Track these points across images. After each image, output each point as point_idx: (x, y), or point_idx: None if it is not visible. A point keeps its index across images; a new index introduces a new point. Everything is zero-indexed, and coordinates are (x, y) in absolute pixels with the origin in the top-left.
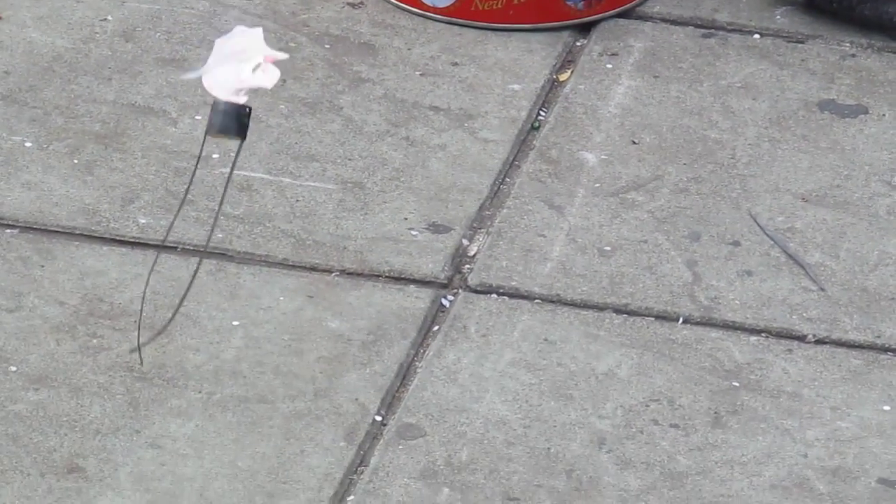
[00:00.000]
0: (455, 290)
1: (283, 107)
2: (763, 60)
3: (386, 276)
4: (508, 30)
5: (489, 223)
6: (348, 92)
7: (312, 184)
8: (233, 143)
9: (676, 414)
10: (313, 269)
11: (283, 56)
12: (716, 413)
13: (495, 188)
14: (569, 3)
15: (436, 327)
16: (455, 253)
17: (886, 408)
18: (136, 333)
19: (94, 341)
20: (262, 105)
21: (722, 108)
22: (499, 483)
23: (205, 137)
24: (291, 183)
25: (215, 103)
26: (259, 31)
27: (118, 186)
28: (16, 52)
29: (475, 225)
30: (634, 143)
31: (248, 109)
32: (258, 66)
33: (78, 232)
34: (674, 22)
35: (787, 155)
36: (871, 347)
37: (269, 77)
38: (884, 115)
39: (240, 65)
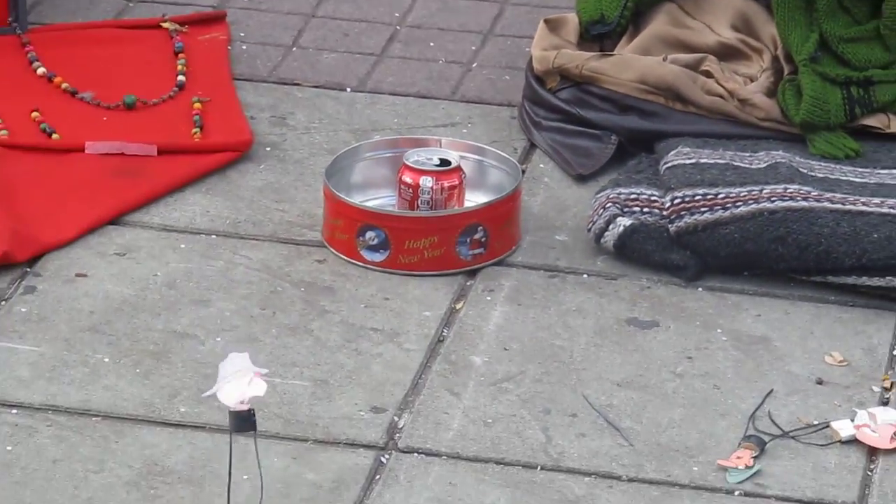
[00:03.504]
0: (390, 452)
1: (273, 331)
2: (590, 292)
3: (343, 443)
4: (423, 275)
5: (411, 406)
6: (317, 319)
7: (294, 381)
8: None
9: None
10: (295, 439)
11: (264, 371)
12: None
13: (415, 382)
14: (461, 258)
15: (377, 476)
16: (389, 426)
17: None
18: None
19: (152, 491)
20: (258, 328)
21: (563, 324)
22: None
23: (231, 434)
24: (280, 382)
25: (230, 413)
26: (246, 355)
27: (166, 387)
28: (97, 298)
29: (402, 407)
30: (506, 349)
31: (252, 411)
32: (251, 380)
33: (140, 418)
34: (530, 268)
35: (606, 355)
36: (665, 483)
37: (258, 387)
38: (669, 327)
39: (238, 382)
